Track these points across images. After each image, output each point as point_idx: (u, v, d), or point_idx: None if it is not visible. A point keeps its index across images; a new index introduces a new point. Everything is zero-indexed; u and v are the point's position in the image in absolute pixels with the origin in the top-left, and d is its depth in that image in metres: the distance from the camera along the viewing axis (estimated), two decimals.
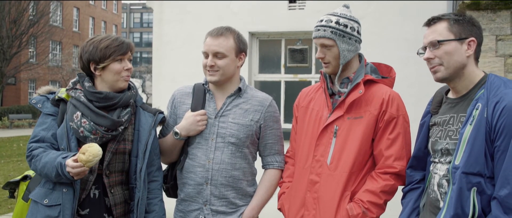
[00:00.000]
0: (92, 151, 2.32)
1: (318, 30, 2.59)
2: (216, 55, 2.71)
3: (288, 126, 5.00)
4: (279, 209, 2.84)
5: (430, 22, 2.28)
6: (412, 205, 2.46)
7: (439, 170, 2.27)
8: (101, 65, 2.58)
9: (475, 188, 2.05)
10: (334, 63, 2.61)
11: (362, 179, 2.57)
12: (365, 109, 2.57)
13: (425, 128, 2.44)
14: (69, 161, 2.34)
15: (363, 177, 2.58)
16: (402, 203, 2.54)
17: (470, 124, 2.08)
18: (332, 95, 2.69)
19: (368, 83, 2.62)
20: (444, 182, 2.21)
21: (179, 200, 2.85)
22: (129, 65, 2.65)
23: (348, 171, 2.54)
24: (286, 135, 2.94)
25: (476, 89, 2.19)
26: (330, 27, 2.56)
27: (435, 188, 2.28)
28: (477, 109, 2.09)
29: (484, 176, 2.05)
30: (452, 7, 4.99)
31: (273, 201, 2.90)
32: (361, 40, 2.66)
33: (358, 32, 2.64)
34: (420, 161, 2.47)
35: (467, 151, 2.06)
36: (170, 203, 2.94)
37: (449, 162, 2.18)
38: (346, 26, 2.57)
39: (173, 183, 2.88)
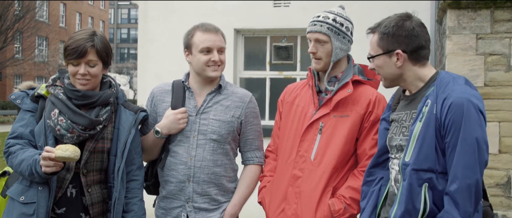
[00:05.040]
0: (71, 147, 2.28)
1: (315, 24, 2.61)
2: (220, 50, 2.74)
3: (273, 122, 5.01)
4: (259, 202, 2.85)
5: (369, 33, 2.34)
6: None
7: (395, 165, 2.30)
8: (65, 63, 2.53)
9: (426, 184, 2.07)
10: (325, 60, 2.63)
11: (344, 176, 2.61)
12: (351, 108, 2.60)
13: (385, 124, 2.45)
14: (47, 147, 2.31)
15: (345, 174, 2.62)
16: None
17: (420, 121, 2.11)
18: (318, 92, 2.71)
19: (355, 83, 2.64)
20: (399, 178, 2.23)
21: (161, 197, 2.85)
22: (82, 71, 2.47)
23: (331, 167, 2.57)
24: (270, 131, 2.95)
25: (427, 87, 2.22)
26: (327, 23, 2.59)
27: (393, 183, 2.32)
28: (426, 105, 2.11)
29: (435, 171, 2.08)
30: (435, 6, 5.04)
31: (254, 197, 2.91)
32: (352, 41, 2.69)
33: (351, 33, 2.68)
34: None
35: (417, 147, 2.09)
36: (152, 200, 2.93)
37: None
38: (342, 24, 2.61)
39: (155, 181, 2.87)
